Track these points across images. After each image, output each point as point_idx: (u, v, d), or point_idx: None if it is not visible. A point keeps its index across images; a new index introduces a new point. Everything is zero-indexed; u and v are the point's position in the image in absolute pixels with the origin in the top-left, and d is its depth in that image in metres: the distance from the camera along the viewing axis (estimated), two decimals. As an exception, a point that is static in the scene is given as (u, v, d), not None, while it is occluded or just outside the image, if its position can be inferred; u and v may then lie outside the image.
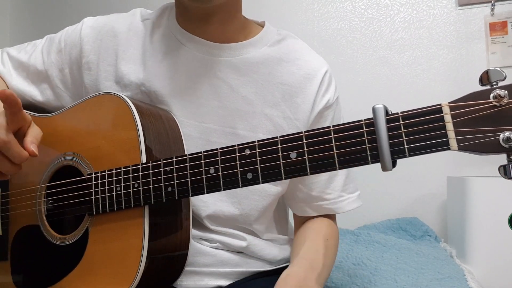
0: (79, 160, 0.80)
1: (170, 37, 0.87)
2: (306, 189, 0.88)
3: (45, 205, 0.83)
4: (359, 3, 2.02)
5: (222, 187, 0.68)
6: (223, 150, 0.68)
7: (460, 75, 1.87)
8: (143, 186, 0.72)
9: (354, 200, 0.91)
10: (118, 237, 0.74)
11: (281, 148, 0.64)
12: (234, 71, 0.85)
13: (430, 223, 1.74)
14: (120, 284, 0.72)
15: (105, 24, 0.90)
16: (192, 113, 0.84)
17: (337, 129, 0.61)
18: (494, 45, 1.84)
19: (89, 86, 0.88)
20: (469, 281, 1.17)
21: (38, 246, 0.82)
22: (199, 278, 0.83)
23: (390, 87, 1.94)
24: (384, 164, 0.57)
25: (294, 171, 0.63)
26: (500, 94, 0.52)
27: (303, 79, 0.86)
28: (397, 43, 1.96)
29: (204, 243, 0.84)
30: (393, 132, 0.58)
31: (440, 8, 1.92)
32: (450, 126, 0.55)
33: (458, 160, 1.78)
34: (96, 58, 0.88)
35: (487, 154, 0.53)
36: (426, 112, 0.56)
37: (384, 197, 1.86)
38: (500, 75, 0.54)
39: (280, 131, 0.84)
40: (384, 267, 1.25)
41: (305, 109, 0.85)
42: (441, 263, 1.31)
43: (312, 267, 0.75)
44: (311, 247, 0.81)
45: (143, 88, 0.84)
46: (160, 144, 0.77)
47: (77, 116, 0.84)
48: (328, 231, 0.88)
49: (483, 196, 1.47)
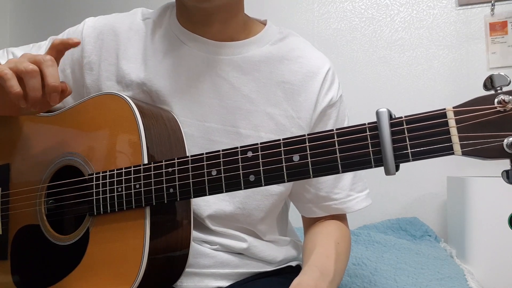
0: (80, 160, 0.80)
1: (171, 36, 0.87)
2: (314, 189, 0.87)
3: (46, 205, 0.83)
4: (359, 3, 2.02)
5: (224, 189, 0.68)
6: (225, 152, 0.68)
7: (460, 75, 1.87)
8: (145, 187, 0.72)
9: (363, 199, 0.89)
10: (119, 237, 0.74)
11: (284, 150, 0.64)
12: (236, 69, 0.84)
13: (430, 223, 1.74)
14: (121, 284, 0.72)
15: (106, 24, 0.90)
16: (194, 112, 0.83)
17: (340, 133, 0.61)
18: (494, 45, 1.84)
19: (91, 86, 0.87)
20: (469, 281, 1.18)
21: (38, 246, 0.82)
22: (200, 279, 0.83)
23: (390, 87, 1.94)
24: (388, 168, 0.57)
25: (296, 174, 0.63)
26: (504, 100, 0.52)
27: (305, 77, 0.86)
28: (397, 43, 1.95)
29: (204, 245, 0.84)
30: (397, 136, 0.57)
31: (440, 8, 1.92)
32: (454, 131, 0.55)
33: (458, 160, 1.75)
34: (97, 58, 0.88)
35: (490, 159, 0.53)
36: (430, 116, 0.56)
37: (384, 197, 1.87)
38: (504, 80, 0.54)
39: (282, 130, 0.84)
40: (384, 267, 1.25)
41: (308, 107, 0.85)
42: (441, 263, 1.31)
43: (323, 275, 0.74)
44: (322, 253, 0.80)
45: (144, 87, 0.84)
46: (162, 145, 0.77)
47: (78, 116, 0.83)
48: (338, 233, 0.87)
49: (483, 196, 1.47)
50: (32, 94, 0.70)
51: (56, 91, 0.70)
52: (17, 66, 0.70)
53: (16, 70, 0.70)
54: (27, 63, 0.70)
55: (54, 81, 0.69)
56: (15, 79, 0.69)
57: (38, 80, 0.70)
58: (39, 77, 0.70)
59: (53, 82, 0.69)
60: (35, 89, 0.70)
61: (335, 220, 0.90)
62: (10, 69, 0.70)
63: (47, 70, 0.70)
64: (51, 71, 0.70)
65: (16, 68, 0.70)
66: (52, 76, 0.69)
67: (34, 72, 0.69)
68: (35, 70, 0.69)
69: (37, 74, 0.70)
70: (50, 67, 0.70)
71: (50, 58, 0.71)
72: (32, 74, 0.69)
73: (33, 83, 0.69)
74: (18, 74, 0.70)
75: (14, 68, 0.70)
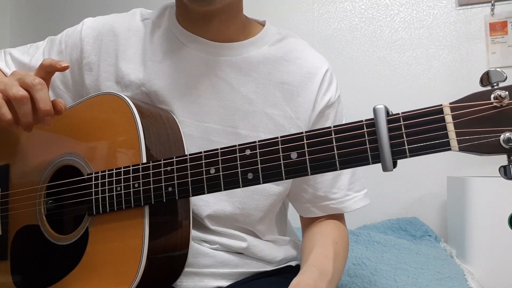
0: (79, 160, 0.80)
1: (171, 37, 0.87)
2: (312, 189, 0.87)
3: (45, 205, 0.83)
4: (359, 3, 2.02)
5: (222, 187, 0.68)
6: (223, 150, 0.68)
7: (460, 75, 1.87)
8: (144, 186, 0.72)
9: (361, 199, 0.89)
10: (118, 237, 0.74)
11: (282, 148, 0.64)
12: (235, 70, 0.85)
13: (430, 223, 1.74)
14: (120, 284, 0.72)
15: (105, 24, 0.90)
16: (193, 113, 0.83)
17: (338, 130, 0.61)
18: (494, 45, 1.84)
19: (90, 86, 0.88)
20: (469, 281, 1.18)
21: (38, 246, 0.82)
22: (199, 279, 0.83)
23: (390, 87, 1.94)
24: (385, 164, 0.58)
25: (295, 171, 0.63)
26: (500, 95, 0.52)
27: (303, 78, 0.86)
28: (397, 43, 1.96)
29: (204, 244, 0.84)
30: (394, 133, 0.58)
31: (440, 8, 1.92)
32: (451, 127, 0.55)
33: (458, 160, 1.78)
34: (96, 59, 0.88)
35: (487, 155, 0.53)
36: (427, 112, 0.56)
37: (384, 197, 1.86)
38: (500, 76, 0.54)
39: (281, 130, 0.84)
40: (384, 267, 1.25)
41: (306, 108, 0.85)
42: (441, 263, 1.31)
43: (322, 274, 0.74)
44: (321, 253, 0.80)
45: (143, 88, 0.84)
46: (161, 144, 0.77)
47: (77, 116, 0.84)
48: (336, 233, 0.87)
49: (483, 196, 1.47)
50: (23, 120, 0.71)
51: (49, 115, 0.70)
52: (6, 91, 0.70)
53: (6, 95, 0.70)
54: (16, 88, 0.70)
55: (45, 106, 0.69)
56: (5, 107, 0.70)
57: (28, 106, 0.70)
58: (29, 104, 0.70)
59: (45, 106, 0.69)
60: (26, 115, 0.70)
61: (333, 219, 0.90)
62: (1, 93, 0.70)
63: (38, 94, 0.69)
64: (41, 96, 0.69)
65: (6, 93, 0.70)
66: (43, 101, 0.69)
67: (24, 99, 0.69)
68: (25, 97, 0.69)
69: (27, 101, 0.70)
70: (40, 92, 0.69)
71: (39, 82, 0.70)
72: (22, 101, 0.69)
73: (23, 110, 0.70)
74: (8, 100, 0.70)
75: (4, 92, 0.70)
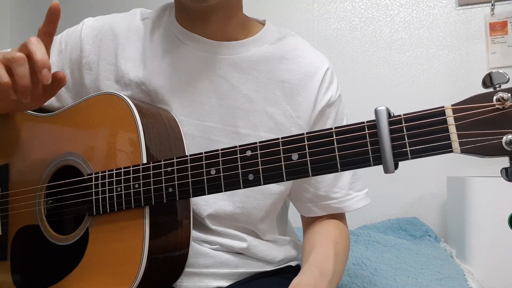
0: (79, 160, 0.80)
1: (170, 36, 0.87)
2: (313, 188, 0.87)
3: (45, 205, 0.83)
4: (359, 3, 2.02)
5: (223, 188, 0.67)
6: (224, 151, 0.68)
7: (460, 75, 1.87)
8: (144, 186, 0.72)
9: (362, 198, 0.89)
10: (118, 237, 0.74)
11: (283, 149, 0.64)
12: (235, 69, 0.84)
13: (430, 223, 1.74)
14: (120, 284, 0.72)
15: (104, 24, 0.90)
16: (193, 112, 0.83)
17: (339, 131, 0.61)
18: (494, 45, 1.84)
19: (90, 86, 0.88)
20: (469, 281, 1.17)
21: (38, 246, 0.82)
22: (199, 279, 0.83)
23: (390, 87, 1.94)
24: (386, 166, 0.57)
25: (295, 173, 0.63)
26: (503, 97, 0.52)
27: (304, 76, 0.86)
28: (397, 43, 1.95)
29: (204, 245, 0.84)
30: (396, 135, 0.57)
31: (440, 8, 1.92)
32: (453, 129, 0.55)
33: (458, 160, 1.78)
34: (96, 58, 0.88)
35: (489, 157, 0.53)
36: (429, 114, 0.56)
37: (384, 197, 1.86)
38: (503, 78, 0.53)
39: (282, 129, 0.84)
40: (384, 267, 1.25)
41: (307, 107, 0.85)
42: (441, 263, 1.31)
43: (322, 274, 0.74)
44: (321, 253, 0.80)
45: (143, 87, 0.84)
46: (161, 144, 0.77)
47: (77, 116, 0.83)
48: (337, 233, 0.87)
49: (483, 196, 1.47)
50: (20, 82, 0.68)
51: (46, 67, 0.67)
52: (4, 56, 0.69)
53: (3, 60, 0.69)
54: (14, 51, 0.69)
55: (42, 57, 0.67)
56: (3, 69, 0.68)
57: (26, 67, 0.68)
58: (26, 64, 0.68)
59: (41, 57, 0.67)
60: (23, 76, 0.68)
61: (334, 219, 0.90)
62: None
63: (33, 47, 0.67)
64: (37, 47, 0.67)
65: (4, 58, 0.69)
66: (39, 51, 0.67)
67: (21, 59, 0.68)
68: (22, 57, 0.68)
69: (24, 61, 0.68)
70: (35, 45, 0.68)
71: (35, 38, 0.69)
72: (20, 61, 0.68)
73: (20, 70, 0.68)
74: (6, 64, 0.69)
75: (2, 59, 0.69)
